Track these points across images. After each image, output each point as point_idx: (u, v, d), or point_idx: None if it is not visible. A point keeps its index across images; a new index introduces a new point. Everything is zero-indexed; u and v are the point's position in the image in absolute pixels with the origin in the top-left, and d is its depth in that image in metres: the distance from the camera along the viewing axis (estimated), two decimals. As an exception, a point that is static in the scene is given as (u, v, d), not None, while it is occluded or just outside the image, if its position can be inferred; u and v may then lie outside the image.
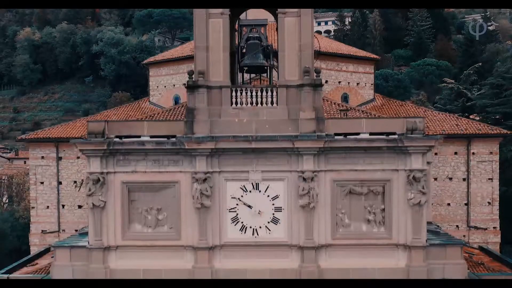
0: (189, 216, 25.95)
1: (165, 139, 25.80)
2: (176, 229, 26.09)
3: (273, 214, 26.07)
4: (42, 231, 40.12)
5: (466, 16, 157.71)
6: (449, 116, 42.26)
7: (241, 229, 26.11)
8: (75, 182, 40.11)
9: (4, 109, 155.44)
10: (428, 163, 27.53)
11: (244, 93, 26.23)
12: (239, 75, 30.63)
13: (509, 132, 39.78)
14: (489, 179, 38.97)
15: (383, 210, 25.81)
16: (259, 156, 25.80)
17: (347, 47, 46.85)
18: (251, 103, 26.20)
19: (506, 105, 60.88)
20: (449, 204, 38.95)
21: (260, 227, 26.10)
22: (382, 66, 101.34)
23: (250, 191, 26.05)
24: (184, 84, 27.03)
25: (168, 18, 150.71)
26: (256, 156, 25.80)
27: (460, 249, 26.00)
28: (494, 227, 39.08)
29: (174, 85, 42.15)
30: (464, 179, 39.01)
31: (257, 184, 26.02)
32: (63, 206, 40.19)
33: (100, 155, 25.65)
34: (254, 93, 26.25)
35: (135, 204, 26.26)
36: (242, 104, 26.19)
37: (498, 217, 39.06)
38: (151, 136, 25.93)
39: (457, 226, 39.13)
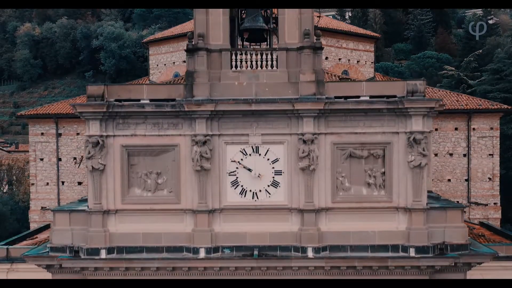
0: (188, 179, 25.87)
1: (165, 102, 25.70)
2: (176, 192, 26.00)
3: (273, 177, 25.98)
4: (42, 207, 40.05)
5: (466, 11, 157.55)
6: (450, 93, 42.24)
7: (241, 193, 26.03)
8: (74, 158, 40.07)
9: (5, 104, 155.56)
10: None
11: (244, 56, 26.14)
12: (239, 43, 30.55)
13: (509, 107, 39.65)
14: (489, 154, 38.88)
15: (384, 173, 25.72)
16: (259, 119, 25.72)
17: (347, 25, 46.81)
18: (251, 67, 26.11)
19: (506, 91, 60.85)
20: (449, 180, 38.86)
21: (260, 190, 26.01)
22: (382, 60, 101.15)
23: (250, 155, 25.97)
24: (184, 61, 26.91)
25: (168, 13, 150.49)
26: (256, 119, 25.71)
27: (460, 212, 25.90)
28: (494, 203, 38.99)
29: (174, 62, 42.05)
30: (464, 155, 38.95)
31: (257, 148, 25.93)
32: (62, 182, 40.12)
33: (100, 117, 25.55)
34: (254, 56, 26.16)
35: (135, 168, 26.16)
36: (242, 67, 26.10)
37: (498, 193, 38.98)
38: (151, 100, 25.85)
39: (457, 202, 38.95)
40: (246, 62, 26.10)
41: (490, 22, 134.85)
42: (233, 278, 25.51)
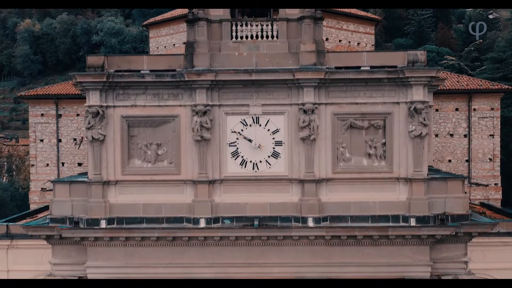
0: (189, 150, 25.81)
1: (165, 72, 25.62)
2: (176, 163, 25.94)
3: (273, 148, 25.92)
4: (42, 188, 39.95)
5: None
6: (450, 74, 42.15)
7: (241, 164, 25.96)
8: (74, 139, 39.99)
9: (5, 100, 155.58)
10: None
11: (244, 27, 26.08)
12: (239, 17, 30.44)
13: (510, 87, 39.56)
14: (490, 135, 38.78)
15: (384, 144, 25.65)
16: (259, 89, 25.66)
17: (348, 8, 46.52)
18: (251, 37, 26.05)
19: (507, 79, 60.67)
20: (450, 161, 38.77)
21: (260, 161, 25.95)
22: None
23: (250, 125, 25.91)
24: (184, 42, 26.82)
25: (168, 9, 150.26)
26: (256, 89, 25.65)
27: (461, 182, 25.83)
28: (495, 184, 38.90)
29: (174, 44, 42.00)
30: (465, 136, 38.85)
31: (257, 118, 25.87)
32: (62, 163, 40.03)
33: (100, 88, 25.49)
34: (254, 27, 26.11)
35: (135, 140, 26.11)
36: (242, 38, 26.04)
37: (499, 174, 38.88)
38: (151, 71, 25.77)
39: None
40: (247, 32, 26.02)
41: (490, 17, 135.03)
42: (233, 247, 25.44)
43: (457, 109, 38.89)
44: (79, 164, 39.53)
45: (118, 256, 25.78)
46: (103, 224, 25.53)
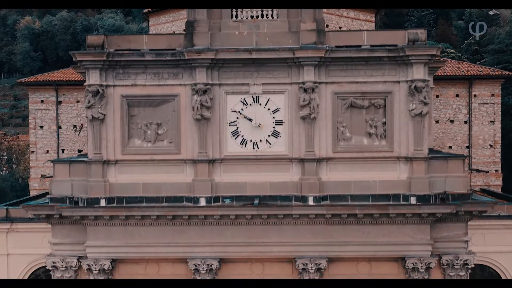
0: (189, 129, 25.76)
1: (165, 51, 25.56)
2: (176, 143, 25.89)
3: (274, 127, 25.87)
4: (42, 175, 39.85)
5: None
6: (451, 61, 42.06)
7: (241, 143, 25.91)
8: (74, 126, 39.90)
9: (5, 97, 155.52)
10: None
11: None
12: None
13: (510, 73, 39.47)
14: (490, 121, 38.67)
15: (384, 123, 25.61)
16: (260, 68, 25.60)
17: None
18: (251, 16, 25.99)
19: (508, 70, 60.51)
20: (450, 147, 38.64)
21: (260, 140, 25.91)
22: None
23: (250, 104, 25.86)
24: (184, 30, 26.77)
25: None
26: (256, 68, 25.60)
27: (462, 162, 25.78)
28: (495, 170, 38.80)
29: (174, 31, 41.83)
30: (465, 122, 38.74)
31: (258, 97, 25.81)
32: (62, 150, 39.90)
33: (100, 66, 25.43)
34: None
35: (135, 119, 26.06)
36: (243, 17, 25.98)
37: (499, 160, 38.78)
38: (151, 50, 25.70)
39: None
40: (247, 11, 25.95)
41: (491, 13, 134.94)
42: (233, 226, 25.39)
43: (457, 95, 38.79)
44: (79, 151, 39.38)
45: (118, 236, 25.72)
46: (103, 203, 25.49)
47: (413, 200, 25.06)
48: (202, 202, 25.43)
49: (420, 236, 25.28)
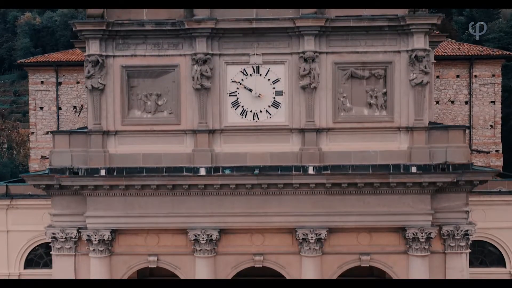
0: (189, 100, 25.70)
1: (165, 21, 25.49)
2: (176, 114, 25.84)
3: (274, 98, 25.80)
4: (42, 156, 39.84)
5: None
6: (451, 42, 42.02)
7: (241, 114, 25.85)
8: (74, 107, 39.88)
9: (5, 93, 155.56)
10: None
11: (244, -24, 25.92)
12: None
13: (511, 53, 39.42)
14: (491, 102, 38.65)
15: (385, 93, 25.53)
16: (260, 38, 25.52)
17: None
18: (252, -13, 25.90)
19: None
20: (451, 128, 38.52)
21: (260, 111, 25.84)
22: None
23: (250, 75, 25.79)
24: None
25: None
26: (256, 38, 25.52)
27: (462, 132, 25.70)
28: (496, 150, 38.77)
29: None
30: (466, 102, 38.72)
31: (258, 68, 25.74)
32: (62, 131, 39.81)
33: (99, 36, 25.35)
34: (254, -24, 25.94)
35: (135, 90, 26.00)
36: (243, -13, 25.88)
37: (500, 140, 38.74)
38: (151, 20, 25.61)
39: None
40: (247, -18, 25.87)
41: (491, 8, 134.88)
42: (233, 196, 25.33)
43: (458, 76, 38.77)
44: (79, 132, 39.28)
45: (118, 206, 25.66)
46: (102, 173, 25.42)
47: (413, 170, 24.99)
48: (202, 172, 25.36)
49: (420, 206, 25.21)
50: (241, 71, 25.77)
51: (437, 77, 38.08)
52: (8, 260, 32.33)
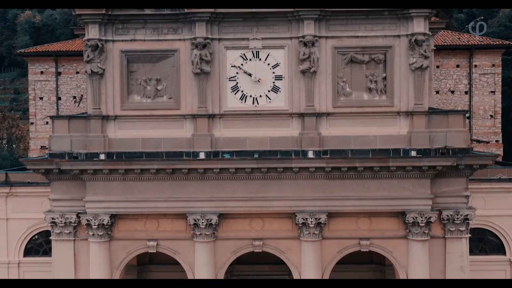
0: (188, 84, 25.68)
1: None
2: (176, 98, 25.82)
3: (274, 82, 25.77)
4: (41, 146, 39.75)
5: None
6: (451, 32, 41.97)
7: (241, 98, 25.83)
8: (74, 97, 39.80)
9: (5, 91, 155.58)
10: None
11: (244, -39, 25.88)
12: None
13: (511, 43, 39.36)
14: (491, 92, 38.59)
15: (385, 78, 25.51)
16: (260, 23, 25.50)
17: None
18: (251, -29, 25.86)
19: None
20: (451, 118, 38.42)
21: (260, 96, 25.82)
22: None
23: (250, 59, 25.78)
24: None
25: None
26: (256, 23, 25.50)
27: (462, 116, 25.66)
28: (496, 140, 38.70)
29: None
30: (466, 92, 38.64)
31: (257, 52, 25.72)
32: (62, 121, 39.69)
33: (99, 21, 25.32)
34: (254, -39, 25.90)
35: (134, 75, 26.00)
36: (242, -28, 25.85)
37: (500, 130, 38.68)
38: (150, 5, 25.59)
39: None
40: (246, -34, 25.83)
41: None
42: (232, 181, 25.29)
43: (458, 66, 38.71)
44: (79, 122, 39.22)
45: (117, 191, 25.63)
46: (102, 158, 25.38)
47: (413, 154, 24.94)
48: (202, 157, 25.33)
49: (420, 190, 25.18)
50: (240, 56, 25.74)
51: (437, 67, 38.02)
52: (7, 248, 32.27)
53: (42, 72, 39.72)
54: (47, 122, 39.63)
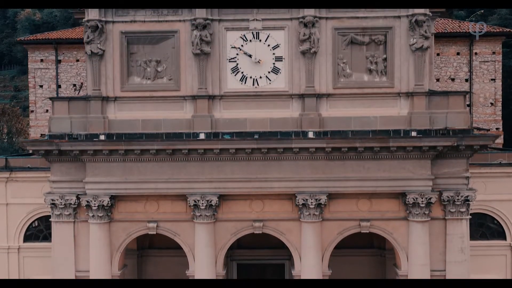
0: (188, 66, 25.66)
1: (164, -14, 25.43)
2: (176, 79, 25.80)
3: (274, 63, 25.74)
4: (41, 135, 39.61)
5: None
6: (452, 20, 41.88)
7: (241, 79, 25.80)
8: (74, 85, 39.70)
9: (5, 88, 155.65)
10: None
11: None
12: None
13: (511, 30, 39.29)
14: (491, 79, 38.50)
15: (385, 59, 25.47)
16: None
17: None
18: (252, -48, 25.82)
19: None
20: (451, 105, 38.33)
21: (260, 77, 25.79)
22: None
23: (250, 41, 25.74)
24: None
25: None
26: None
27: (463, 97, 25.62)
28: (496, 128, 38.60)
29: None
30: (466, 80, 38.53)
31: (258, 33, 25.68)
32: (62, 109, 39.59)
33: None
34: None
35: (134, 57, 25.97)
36: (242, -47, 25.82)
37: (500, 118, 38.60)
38: (150, -14, 25.56)
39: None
40: None
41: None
42: (232, 162, 25.24)
43: (458, 53, 38.63)
44: (79, 110, 39.11)
45: (117, 172, 25.59)
46: (102, 138, 25.33)
47: (413, 135, 24.89)
48: (202, 137, 25.27)
49: (420, 171, 25.14)
50: (240, 37, 25.71)
51: (437, 54, 37.95)
52: (7, 233, 32.21)
53: (42, 60, 39.61)
54: (47, 110, 39.55)
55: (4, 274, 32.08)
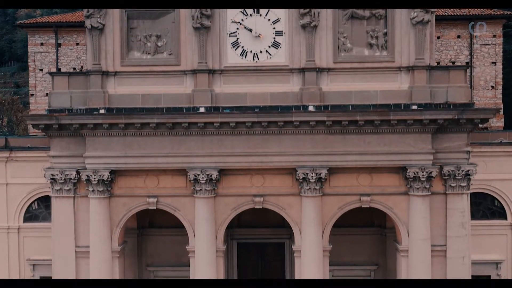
0: (188, 40, 25.62)
1: (165, -40, 25.39)
2: (176, 54, 25.77)
3: (274, 38, 25.71)
4: (41, 118, 39.50)
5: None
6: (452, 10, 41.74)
7: (241, 54, 25.77)
8: (74, 69, 39.58)
9: (5, 85, 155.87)
10: None
11: None
12: None
13: (512, 13, 39.22)
14: (492, 62, 38.39)
15: (386, 34, 25.42)
16: (260, -22, 25.40)
17: None
18: None
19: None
20: (452, 89, 38.26)
21: (260, 51, 25.76)
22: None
23: (250, 15, 25.70)
24: None
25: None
26: (256, -22, 25.40)
27: (464, 72, 25.59)
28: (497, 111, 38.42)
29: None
30: (467, 63, 38.42)
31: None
32: (62, 93, 39.51)
33: (99, -25, 25.23)
34: None
35: (134, 32, 25.97)
36: None
37: (501, 101, 38.48)
38: (150, -39, 25.52)
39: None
40: None
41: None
42: (233, 136, 25.17)
43: (459, 37, 38.50)
44: (79, 94, 39.03)
45: (117, 146, 25.54)
46: (102, 112, 25.28)
47: (414, 108, 24.84)
48: (202, 111, 25.22)
49: (421, 145, 25.07)
50: (241, 11, 25.70)
51: (438, 37, 37.82)
52: (7, 213, 32.16)
53: (42, 44, 39.51)
54: (46, 94, 39.42)
55: (4, 254, 32.05)
